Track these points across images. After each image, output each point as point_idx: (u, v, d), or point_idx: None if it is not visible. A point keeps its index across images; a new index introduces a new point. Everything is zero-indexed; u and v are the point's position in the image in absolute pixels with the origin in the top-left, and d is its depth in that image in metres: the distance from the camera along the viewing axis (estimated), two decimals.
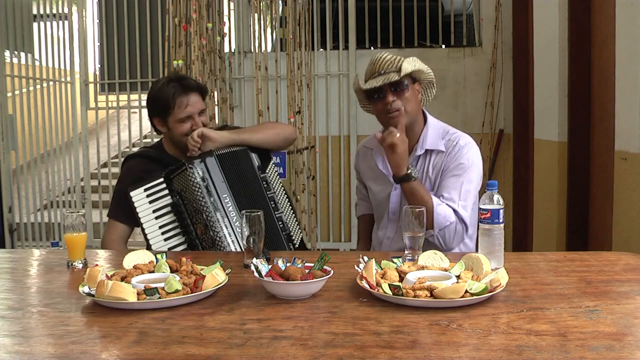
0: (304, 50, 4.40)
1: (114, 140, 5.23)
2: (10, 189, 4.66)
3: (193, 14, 3.98)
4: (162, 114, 2.14)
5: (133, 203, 2.05)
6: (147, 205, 2.06)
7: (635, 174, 2.48)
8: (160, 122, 2.17)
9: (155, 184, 2.07)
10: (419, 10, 4.69)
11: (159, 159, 2.19)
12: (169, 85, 2.12)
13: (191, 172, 2.02)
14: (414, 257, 1.59)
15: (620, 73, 2.62)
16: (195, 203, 2.01)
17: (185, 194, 2.03)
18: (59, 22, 4.89)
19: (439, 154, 2.03)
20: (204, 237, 2.02)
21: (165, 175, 2.07)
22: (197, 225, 2.02)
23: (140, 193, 2.06)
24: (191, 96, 2.13)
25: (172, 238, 2.05)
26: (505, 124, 4.53)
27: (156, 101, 2.15)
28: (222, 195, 2.04)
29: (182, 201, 2.04)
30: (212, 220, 2.00)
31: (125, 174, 2.21)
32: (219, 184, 2.04)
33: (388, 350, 1.07)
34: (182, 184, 2.04)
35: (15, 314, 1.35)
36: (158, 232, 2.05)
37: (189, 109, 2.12)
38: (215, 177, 2.04)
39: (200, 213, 2.01)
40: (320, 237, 4.59)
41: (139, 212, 2.05)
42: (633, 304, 1.31)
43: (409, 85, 2.00)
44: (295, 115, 4.36)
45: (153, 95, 2.18)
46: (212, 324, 1.23)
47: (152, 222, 2.05)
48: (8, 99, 4.62)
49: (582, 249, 3.10)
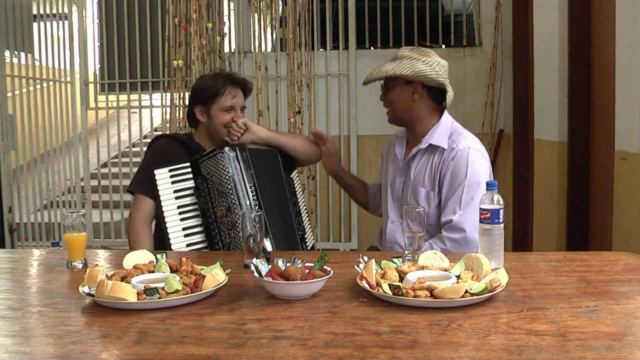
0: (304, 50, 4.40)
1: (114, 140, 5.23)
2: (10, 189, 4.66)
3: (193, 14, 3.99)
4: (208, 101, 2.21)
5: (156, 181, 2.12)
6: (169, 185, 2.13)
7: (635, 174, 2.48)
8: (202, 110, 2.24)
9: (180, 167, 2.15)
10: (419, 10, 4.68)
11: (187, 144, 2.26)
12: (219, 77, 2.24)
13: (222, 156, 2.10)
14: (414, 257, 1.59)
15: (620, 73, 2.62)
16: (221, 186, 2.08)
17: (212, 177, 2.11)
18: (59, 22, 4.89)
19: (440, 153, 2.06)
20: (223, 220, 2.07)
21: (192, 161, 2.15)
22: (219, 207, 2.08)
23: (164, 173, 2.13)
24: (238, 90, 2.25)
25: (189, 219, 2.12)
26: (505, 124, 4.53)
27: (205, 89, 2.23)
28: (248, 184, 2.11)
29: (206, 185, 2.11)
30: (235, 204, 2.07)
31: (153, 152, 2.27)
32: (246, 173, 2.13)
33: (388, 350, 1.07)
34: (211, 167, 2.11)
35: (15, 314, 1.35)
36: (176, 212, 2.11)
37: (235, 100, 2.22)
38: (244, 166, 2.13)
39: (225, 196, 2.08)
40: (320, 237, 4.59)
41: (160, 191, 2.12)
42: (633, 304, 1.31)
43: (391, 88, 2.09)
44: (295, 115, 4.36)
45: (201, 84, 2.28)
46: (212, 324, 1.23)
47: (171, 202, 2.11)
48: (8, 99, 4.62)
49: (582, 249, 3.10)
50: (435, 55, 2.08)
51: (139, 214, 2.17)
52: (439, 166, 2.04)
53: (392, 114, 2.14)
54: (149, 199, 2.17)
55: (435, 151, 2.07)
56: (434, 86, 2.06)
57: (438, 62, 2.07)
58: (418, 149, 2.09)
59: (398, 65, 2.05)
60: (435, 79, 2.04)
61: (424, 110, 2.10)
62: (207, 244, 2.10)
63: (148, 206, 2.18)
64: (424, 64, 2.04)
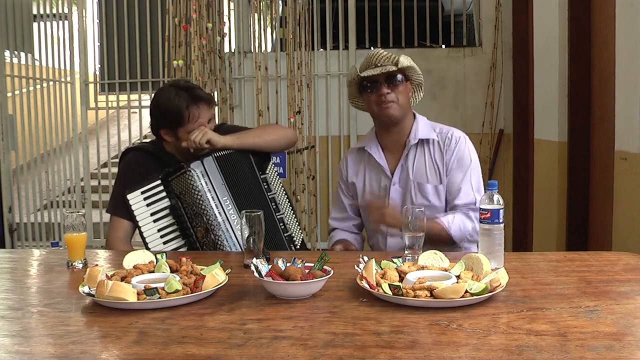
0: (304, 50, 4.40)
1: (114, 140, 5.23)
2: (10, 189, 4.66)
3: (193, 14, 3.99)
4: (173, 126, 2.07)
5: (130, 206, 2.04)
6: (144, 208, 2.04)
7: (635, 174, 2.48)
8: (168, 133, 2.10)
9: (152, 186, 2.05)
10: (419, 10, 4.68)
11: (158, 155, 2.16)
12: (179, 97, 2.05)
13: (190, 176, 2.00)
14: (414, 257, 1.59)
15: (620, 73, 2.62)
16: (195, 207, 2.00)
17: (184, 197, 2.02)
18: (59, 22, 4.89)
19: (435, 145, 2.09)
20: (204, 240, 2.01)
21: (162, 177, 2.05)
22: (198, 228, 2.01)
23: (137, 196, 2.05)
24: (202, 107, 2.08)
25: (171, 241, 2.04)
26: (505, 124, 4.53)
27: (166, 114, 2.06)
28: (222, 199, 2.03)
29: (181, 204, 2.02)
30: (212, 224, 1.99)
31: (123, 170, 2.18)
32: (218, 187, 2.03)
33: (388, 350, 1.07)
34: (182, 187, 2.03)
35: (15, 314, 1.35)
36: (157, 235, 2.04)
37: (200, 120, 2.07)
38: (214, 180, 2.03)
39: (201, 217, 2.00)
40: (320, 237, 4.58)
41: (137, 215, 2.04)
42: (633, 304, 1.31)
43: (403, 80, 2.07)
44: (295, 115, 4.36)
45: (162, 106, 2.08)
46: (212, 324, 1.23)
47: (150, 225, 2.04)
48: (8, 99, 4.62)
49: (582, 249, 3.10)
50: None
51: (118, 234, 2.10)
52: (442, 157, 2.07)
53: (402, 107, 2.05)
54: (125, 221, 2.09)
55: (428, 145, 2.09)
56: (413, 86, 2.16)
57: None
58: (409, 148, 2.09)
59: (406, 59, 2.05)
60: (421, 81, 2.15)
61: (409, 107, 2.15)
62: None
63: (126, 227, 2.10)
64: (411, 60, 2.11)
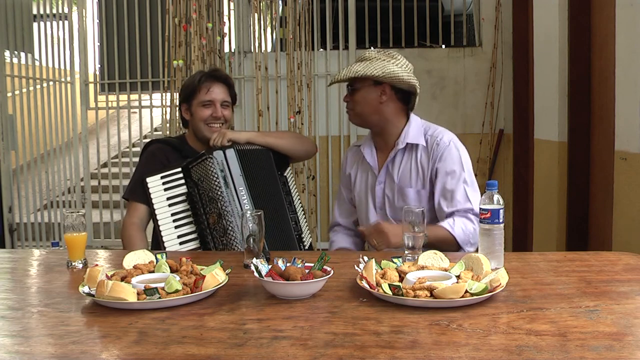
0: (304, 50, 4.40)
1: (114, 140, 5.23)
2: (10, 189, 4.66)
3: (193, 14, 3.99)
4: (188, 98, 2.24)
5: (148, 189, 2.11)
6: (162, 192, 2.12)
7: (635, 174, 2.48)
8: (186, 108, 2.27)
9: (172, 173, 2.14)
10: (419, 10, 4.68)
11: (180, 148, 2.25)
12: (198, 73, 2.27)
13: (210, 162, 2.09)
14: (414, 257, 1.59)
15: (620, 73, 2.62)
16: (211, 192, 2.07)
17: (202, 183, 2.09)
18: (59, 22, 4.88)
19: (422, 150, 2.07)
20: (215, 226, 2.06)
21: (184, 166, 2.14)
22: (210, 214, 2.07)
23: (156, 180, 2.13)
24: (216, 84, 2.23)
25: (183, 226, 2.11)
26: (505, 124, 4.53)
27: (185, 88, 2.28)
28: (238, 188, 2.10)
29: (197, 190, 2.09)
30: (226, 210, 2.05)
31: (147, 158, 2.26)
32: (236, 176, 2.11)
33: (388, 350, 1.07)
34: (201, 173, 2.10)
35: (15, 314, 1.35)
36: (170, 219, 2.10)
37: (211, 95, 2.21)
38: (233, 169, 2.12)
39: (215, 202, 2.06)
40: (320, 237, 4.58)
41: (153, 198, 2.11)
42: (633, 304, 1.31)
43: (359, 88, 2.06)
44: (295, 115, 4.36)
45: (183, 85, 2.33)
46: (212, 324, 1.23)
47: (164, 209, 2.11)
48: (8, 99, 4.62)
49: (582, 249, 3.10)
50: (402, 57, 2.09)
51: (132, 220, 2.17)
52: (428, 162, 2.05)
53: (357, 115, 2.10)
54: (142, 205, 2.16)
55: (415, 150, 2.08)
56: (402, 88, 2.08)
57: (407, 64, 2.09)
58: (396, 151, 2.09)
59: (368, 66, 2.04)
60: (407, 81, 2.05)
61: (391, 111, 2.09)
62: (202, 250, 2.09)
63: (141, 212, 2.17)
64: (394, 65, 2.05)
